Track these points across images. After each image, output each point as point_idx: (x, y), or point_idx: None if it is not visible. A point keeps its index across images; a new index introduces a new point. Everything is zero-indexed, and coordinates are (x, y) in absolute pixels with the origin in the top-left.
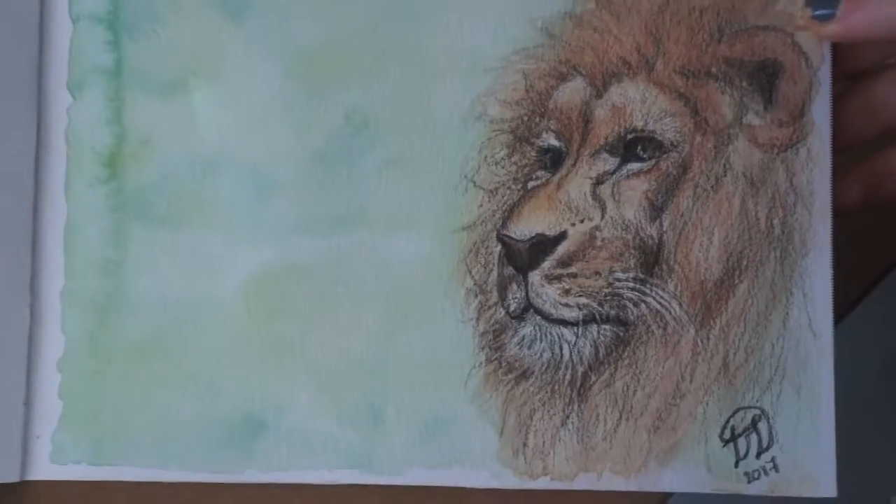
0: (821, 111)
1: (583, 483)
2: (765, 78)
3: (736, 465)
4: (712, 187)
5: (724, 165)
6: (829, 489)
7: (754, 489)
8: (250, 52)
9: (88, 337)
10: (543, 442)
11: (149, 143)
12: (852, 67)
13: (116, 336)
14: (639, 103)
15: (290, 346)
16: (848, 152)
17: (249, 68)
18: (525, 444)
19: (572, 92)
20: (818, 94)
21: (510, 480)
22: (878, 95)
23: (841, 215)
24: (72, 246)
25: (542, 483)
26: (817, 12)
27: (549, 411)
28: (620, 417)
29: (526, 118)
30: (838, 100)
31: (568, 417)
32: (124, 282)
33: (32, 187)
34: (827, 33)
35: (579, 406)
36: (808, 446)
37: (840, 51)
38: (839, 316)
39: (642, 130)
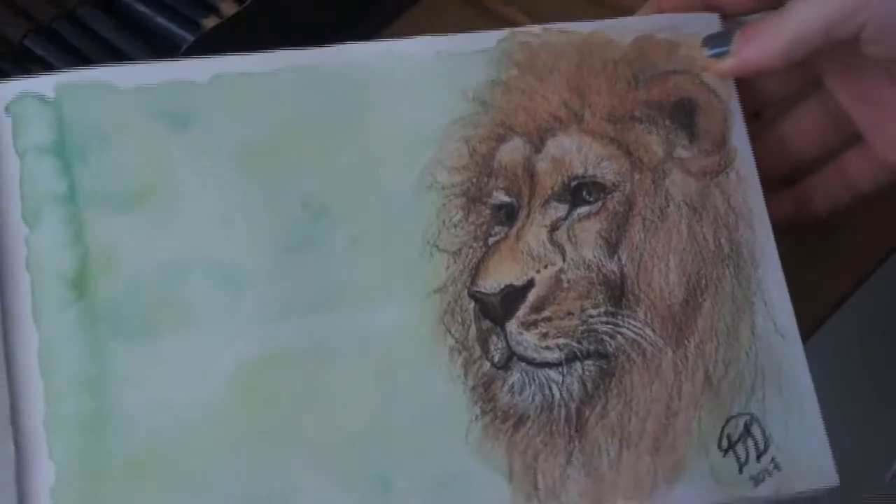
0: (739, 137)
1: None
2: (683, 115)
3: (740, 471)
4: (659, 218)
5: (666, 197)
6: (832, 478)
7: (762, 491)
8: (201, 159)
9: (79, 460)
10: (553, 482)
11: (113, 257)
12: (763, 101)
13: (108, 454)
14: (576, 152)
15: (286, 433)
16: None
17: (202, 173)
18: (536, 487)
19: (513, 151)
20: (734, 123)
21: None
22: (787, 132)
23: (781, 232)
24: (49, 371)
25: None
26: (713, 51)
27: (552, 451)
28: (621, 445)
29: (475, 180)
30: (754, 138)
31: (572, 454)
32: (109, 398)
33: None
34: (724, 69)
35: (580, 441)
36: (802, 440)
37: (746, 86)
38: (824, 317)
39: (584, 176)
